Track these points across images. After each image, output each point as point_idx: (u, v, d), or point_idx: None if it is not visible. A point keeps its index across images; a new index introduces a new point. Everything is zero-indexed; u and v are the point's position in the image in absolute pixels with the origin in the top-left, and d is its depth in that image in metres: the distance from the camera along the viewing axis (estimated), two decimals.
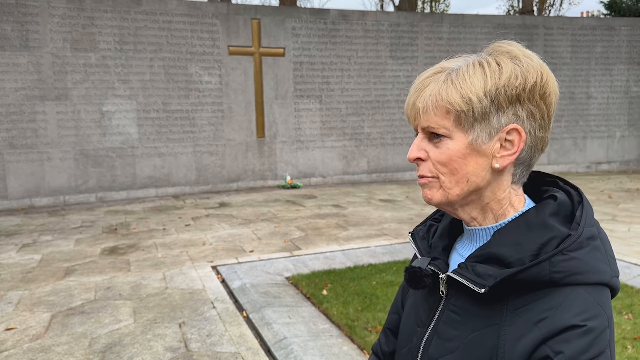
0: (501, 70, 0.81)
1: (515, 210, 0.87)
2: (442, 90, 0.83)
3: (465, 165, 0.84)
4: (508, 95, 0.81)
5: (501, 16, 13.37)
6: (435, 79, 0.85)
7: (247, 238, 6.59)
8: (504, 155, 0.83)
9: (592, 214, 0.84)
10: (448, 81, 0.83)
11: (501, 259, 0.81)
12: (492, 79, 0.81)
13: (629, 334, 3.65)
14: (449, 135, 0.83)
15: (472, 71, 0.82)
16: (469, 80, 0.81)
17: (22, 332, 3.86)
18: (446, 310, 0.89)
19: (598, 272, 0.79)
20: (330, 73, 11.46)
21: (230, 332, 3.81)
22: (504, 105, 0.81)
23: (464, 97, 0.81)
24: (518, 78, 0.81)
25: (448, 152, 0.84)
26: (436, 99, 0.83)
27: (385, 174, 12.13)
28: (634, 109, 13.65)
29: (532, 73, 0.81)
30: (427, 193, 0.89)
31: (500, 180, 0.86)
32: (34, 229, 7.34)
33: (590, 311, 0.76)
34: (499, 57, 0.83)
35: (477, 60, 0.84)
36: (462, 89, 0.81)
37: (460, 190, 0.85)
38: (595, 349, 0.74)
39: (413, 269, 0.91)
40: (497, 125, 0.82)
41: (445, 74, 0.85)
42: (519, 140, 0.82)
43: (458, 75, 0.83)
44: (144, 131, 10.15)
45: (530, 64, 0.82)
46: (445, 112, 0.83)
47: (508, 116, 0.82)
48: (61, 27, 9.40)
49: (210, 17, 10.47)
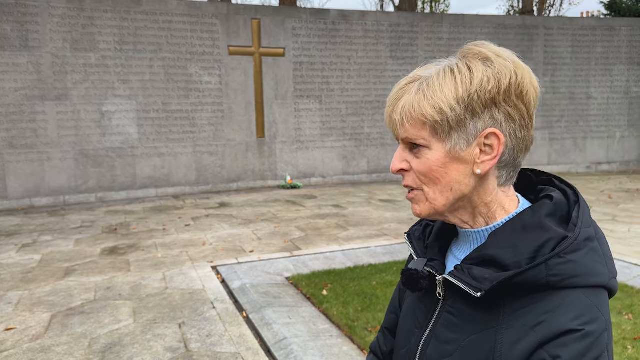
0: (472, 75, 0.79)
1: (506, 212, 0.86)
2: (415, 102, 0.82)
3: (446, 173, 0.83)
4: (481, 99, 0.79)
5: (501, 16, 13.36)
6: (408, 89, 0.84)
7: (247, 238, 6.58)
8: (484, 160, 0.82)
9: (588, 214, 0.83)
10: (420, 92, 0.82)
11: (497, 261, 0.80)
12: (463, 85, 0.79)
13: (629, 334, 3.65)
14: (427, 145, 0.83)
15: (443, 79, 0.81)
16: (439, 89, 0.80)
17: (21, 332, 3.85)
18: (443, 312, 0.88)
19: (595, 274, 0.78)
20: (330, 73, 11.46)
21: (230, 332, 3.81)
22: (479, 111, 0.80)
23: (436, 107, 0.80)
24: (490, 81, 0.79)
25: (428, 162, 0.83)
26: (409, 111, 0.82)
27: (385, 174, 12.12)
28: (634, 109, 13.65)
29: (505, 73, 0.80)
30: (415, 208, 0.89)
31: (485, 185, 0.85)
32: (33, 229, 7.34)
33: (587, 315, 0.75)
34: (470, 61, 0.81)
35: (448, 67, 0.82)
36: (433, 99, 0.80)
37: (446, 199, 0.85)
38: (592, 353, 0.73)
39: (409, 271, 0.90)
40: (473, 131, 0.81)
41: (417, 83, 0.83)
42: (498, 143, 0.81)
43: (429, 85, 0.81)
44: (143, 131, 10.14)
45: (503, 64, 0.80)
46: (421, 124, 0.82)
47: (484, 121, 0.81)
48: (61, 26, 9.39)
49: (210, 17, 10.46)
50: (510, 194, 0.88)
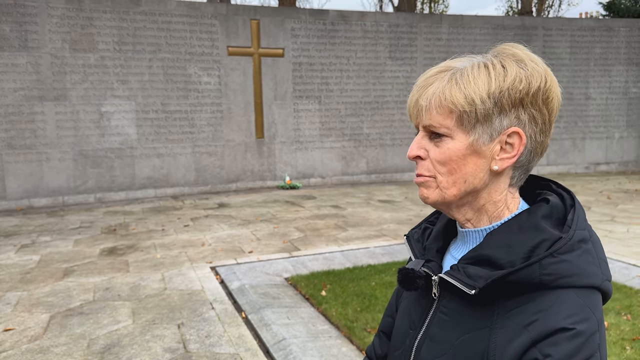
0: (505, 73, 0.81)
1: (510, 213, 0.87)
2: (446, 89, 0.82)
3: (464, 165, 0.84)
4: (511, 98, 0.81)
5: (500, 17, 13.37)
6: (440, 77, 0.85)
7: (246, 238, 6.58)
8: (504, 157, 0.83)
9: (583, 217, 0.84)
10: (452, 80, 0.83)
11: (492, 260, 0.81)
12: (496, 81, 0.81)
13: (627, 334, 3.65)
14: (450, 134, 0.83)
15: (477, 72, 0.82)
16: (472, 81, 0.81)
17: (20, 332, 3.85)
18: (438, 312, 0.89)
19: (588, 275, 0.79)
20: (329, 73, 11.46)
21: (229, 333, 3.81)
22: (507, 108, 0.81)
23: (467, 97, 0.81)
24: (522, 81, 0.81)
25: (448, 151, 0.84)
26: (439, 98, 0.83)
27: (384, 175, 12.13)
28: (633, 109, 13.66)
29: (536, 77, 0.81)
30: (423, 192, 0.89)
31: (498, 182, 0.86)
32: (32, 230, 7.33)
33: (579, 314, 0.75)
34: (504, 60, 0.83)
35: (482, 62, 0.83)
36: (466, 89, 0.81)
37: (457, 190, 0.85)
38: (583, 352, 0.74)
39: (406, 270, 0.91)
40: (498, 127, 0.82)
41: (449, 72, 0.84)
42: (519, 143, 0.82)
43: (462, 75, 0.82)
44: (142, 131, 10.14)
45: (535, 68, 0.82)
46: (448, 112, 0.83)
47: (510, 119, 0.82)
48: (60, 27, 9.39)
49: (209, 18, 10.46)
50: (516, 196, 0.89)
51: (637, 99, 13.65)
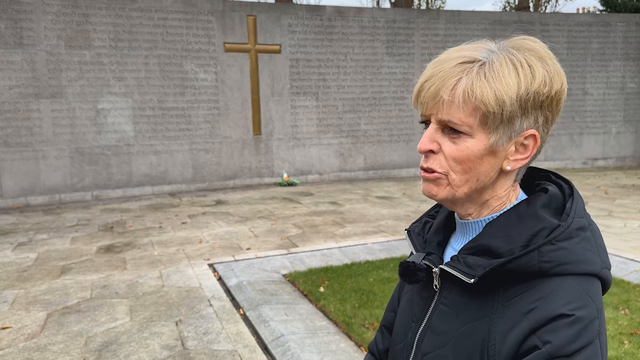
0: (533, 74, 0.78)
1: (510, 203, 0.88)
2: (476, 85, 0.77)
3: (480, 165, 0.82)
4: (535, 100, 0.79)
5: (497, 12, 13.35)
6: (466, 69, 0.79)
7: (243, 235, 6.57)
8: (517, 158, 0.83)
9: (582, 206, 0.84)
10: (481, 75, 0.78)
11: (491, 249, 0.81)
12: (525, 82, 0.78)
13: (625, 329, 3.66)
14: (470, 133, 0.80)
15: (507, 69, 0.78)
16: (504, 79, 0.77)
17: (17, 330, 3.83)
18: (439, 304, 0.89)
19: (587, 262, 0.78)
20: (326, 70, 11.44)
21: (227, 330, 3.80)
22: (529, 110, 0.80)
23: (498, 97, 0.77)
24: (546, 84, 0.79)
25: (466, 150, 0.81)
26: (468, 95, 0.78)
27: (381, 171, 12.12)
28: (630, 104, 13.68)
29: (557, 80, 0.80)
30: (432, 188, 0.85)
31: (505, 180, 0.86)
32: (29, 228, 7.31)
33: (578, 301, 0.75)
34: (528, 57, 0.80)
35: (508, 57, 0.79)
36: (497, 89, 0.77)
37: (469, 188, 0.84)
38: (583, 339, 0.73)
39: (407, 263, 0.91)
40: (518, 129, 0.81)
41: (476, 65, 0.79)
42: (534, 145, 0.82)
43: (492, 70, 0.78)
44: (139, 128, 10.11)
45: (556, 69, 0.81)
46: (472, 109, 0.78)
47: (529, 121, 0.81)
48: (55, 24, 9.34)
49: (205, 14, 10.42)
50: (517, 188, 0.90)
51: (634, 94, 13.66)
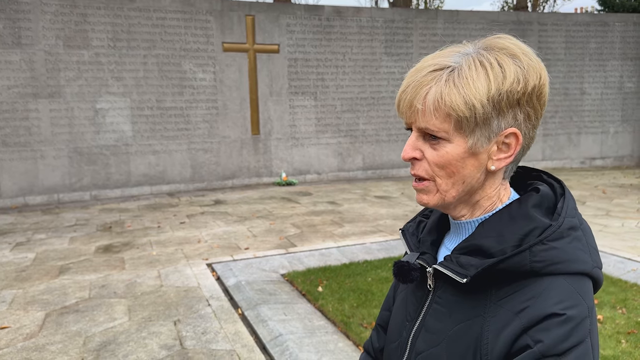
0: (504, 74, 0.79)
1: (502, 203, 0.88)
2: (444, 93, 0.79)
3: (463, 168, 0.83)
4: (509, 99, 0.79)
5: (495, 12, 13.36)
6: (435, 77, 0.81)
7: (242, 235, 6.57)
8: (501, 157, 0.84)
9: (573, 206, 0.85)
10: (450, 82, 0.79)
11: (483, 249, 0.82)
12: (495, 83, 0.78)
13: (622, 328, 3.67)
14: (448, 138, 0.81)
15: (475, 73, 0.79)
16: (472, 84, 0.78)
17: (15, 330, 3.83)
18: (433, 304, 0.90)
19: (578, 261, 0.79)
20: (324, 69, 11.44)
21: (225, 329, 3.80)
22: (505, 110, 0.80)
23: (468, 102, 0.78)
24: (520, 82, 0.79)
25: (447, 155, 0.82)
26: (438, 102, 0.79)
27: (380, 171, 12.13)
28: (627, 104, 13.70)
29: (533, 75, 0.80)
30: (423, 197, 0.88)
31: (493, 179, 0.87)
32: (27, 227, 7.30)
33: (569, 300, 0.76)
34: (499, 56, 0.80)
35: (478, 59, 0.80)
36: (466, 94, 0.78)
37: (456, 191, 0.85)
38: (574, 338, 0.74)
39: (401, 263, 0.92)
40: (496, 129, 0.81)
41: (445, 72, 0.80)
42: (516, 143, 0.82)
43: (460, 76, 0.79)
44: (137, 128, 10.10)
45: (530, 65, 0.80)
46: (446, 116, 0.80)
47: (507, 120, 0.81)
48: (53, 23, 9.33)
49: (203, 14, 10.42)
50: (507, 186, 0.90)
51: (632, 94, 13.69)
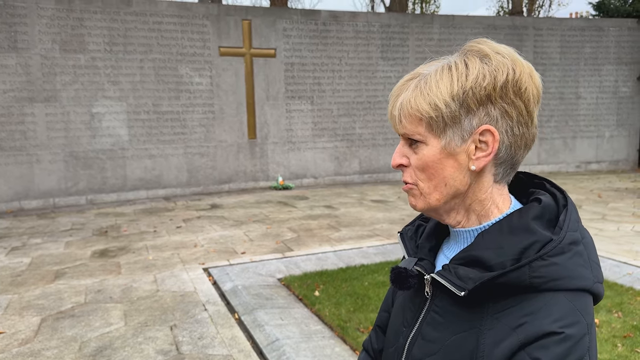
0: (467, 72, 0.80)
1: (500, 211, 0.86)
2: (411, 98, 0.83)
3: (442, 169, 0.84)
4: (476, 96, 0.80)
5: (491, 17, 13.43)
6: (407, 86, 0.86)
7: (238, 239, 6.56)
8: (479, 156, 0.82)
9: (576, 218, 0.83)
10: (417, 89, 0.83)
11: (482, 261, 0.81)
12: (458, 82, 0.80)
13: (618, 332, 3.68)
14: (424, 140, 0.84)
15: (440, 76, 0.82)
16: (434, 86, 0.81)
17: (10, 336, 3.81)
18: (430, 312, 0.89)
19: (579, 277, 0.78)
20: (321, 74, 11.46)
21: (222, 334, 3.79)
22: (473, 107, 0.80)
23: (431, 103, 0.81)
24: (486, 78, 0.79)
25: (424, 157, 0.85)
26: (406, 108, 0.84)
27: (376, 175, 12.14)
28: (622, 108, 13.78)
29: (502, 70, 0.79)
30: (411, 200, 0.90)
31: (481, 181, 0.85)
32: (23, 232, 7.27)
33: (568, 318, 0.75)
34: (469, 58, 0.82)
35: (447, 64, 0.83)
36: (429, 95, 0.81)
37: (439, 194, 0.85)
38: (572, 356, 0.73)
39: (398, 269, 0.91)
40: (468, 127, 0.81)
41: (416, 80, 0.85)
42: (493, 140, 0.81)
43: (426, 82, 0.83)
44: (134, 132, 10.08)
45: (500, 61, 0.80)
46: (417, 120, 0.83)
47: (479, 117, 0.81)
48: (50, 27, 9.32)
49: (200, 18, 10.43)
50: (504, 192, 0.88)
51: (627, 98, 13.76)
